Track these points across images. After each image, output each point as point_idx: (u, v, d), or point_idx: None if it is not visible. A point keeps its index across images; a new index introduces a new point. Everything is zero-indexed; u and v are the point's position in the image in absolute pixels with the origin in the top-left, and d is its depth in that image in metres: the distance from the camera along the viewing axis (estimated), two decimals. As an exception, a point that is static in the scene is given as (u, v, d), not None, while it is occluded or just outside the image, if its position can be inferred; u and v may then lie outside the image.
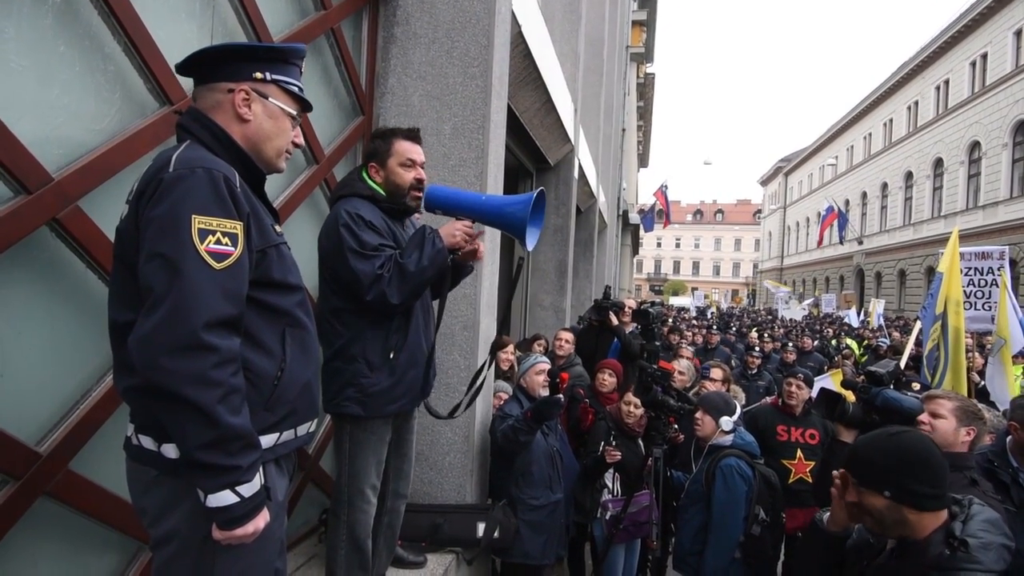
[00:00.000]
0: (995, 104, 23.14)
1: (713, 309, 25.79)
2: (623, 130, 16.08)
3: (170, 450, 1.21)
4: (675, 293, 50.52)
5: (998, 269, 6.15)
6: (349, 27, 3.03)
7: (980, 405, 2.48)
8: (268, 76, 1.36)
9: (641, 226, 25.42)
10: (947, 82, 26.82)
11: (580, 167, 7.37)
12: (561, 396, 3.09)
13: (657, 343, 3.58)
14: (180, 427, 1.13)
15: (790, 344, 8.01)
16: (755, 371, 6.64)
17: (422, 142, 2.18)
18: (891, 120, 32.39)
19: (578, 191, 7.68)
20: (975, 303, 6.13)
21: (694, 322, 15.39)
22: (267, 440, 1.29)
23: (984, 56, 23.25)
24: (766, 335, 8.81)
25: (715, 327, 11.27)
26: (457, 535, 2.86)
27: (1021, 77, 21.54)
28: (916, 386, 4.42)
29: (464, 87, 3.07)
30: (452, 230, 1.99)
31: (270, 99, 1.37)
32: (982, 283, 6.22)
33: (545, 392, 3.14)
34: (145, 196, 1.17)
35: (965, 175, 25.25)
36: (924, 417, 2.26)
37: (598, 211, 10.14)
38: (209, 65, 1.34)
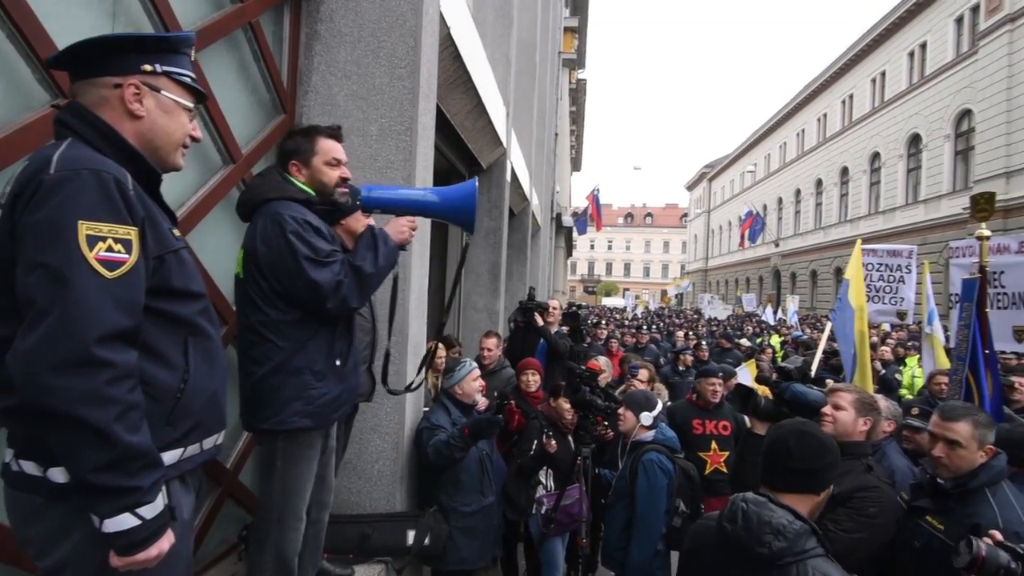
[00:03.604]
0: (892, 118, 25.25)
1: (641, 309, 26.64)
2: (556, 134, 16.34)
3: (57, 474, 1.11)
4: (608, 294, 51.87)
5: (906, 266, 6.75)
6: (269, 22, 2.91)
7: (877, 396, 2.69)
8: (158, 68, 1.26)
9: (575, 228, 25.93)
10: (851, 96, 29.01)
11: (513, 170, 7.42)
12: (501, 416, 3.10)
13: (585, 344, 3.66)
14: (72, 449, 1.05)
15: (703, 343, 8.41)
16: (685, 368, 6.95)
17: (343, 141, 2.12)
18: (803, 130, 34.70)
19: (511, 194, 7.73)
20: (883, 297, 6.69)
21: (626, 322, 15.84)
22: (170, 456, 1.22)
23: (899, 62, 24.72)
24: (691, 334, 9.19)
25: (644, 327, 11.64)
26: (387, 544, 2.80)
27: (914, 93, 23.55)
28: (830, 382, 4.75)
29: (391, 88, 3.02)
30: (399, 227, 1.97)
31: (163, 92, 1.28)
32: (891, 279, 6.78)
33: (479, 398, 3.14)
34: (22, 200, 1.07)
35: (867, 183, 27.42)
36: (827, 409, 2.42)
37: (531, 213, 10.25)
38: (90, 58, 1.23)
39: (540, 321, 4.31)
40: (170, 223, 1.28)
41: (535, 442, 3.38)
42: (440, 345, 4.19)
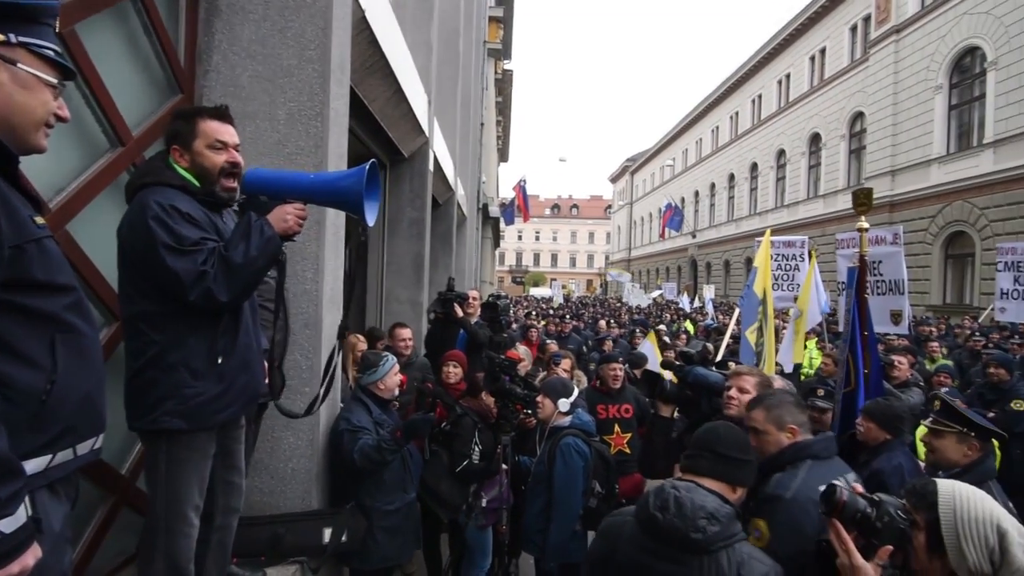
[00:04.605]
0: (795, 118, 27.04)
1: (563, 298, 27.20)
2: (482, 124, 16.29)
3: None
4: (535, 284, 52.56)
5: (800, 256, 7.30)
6: (161, -7, 2.70)
7: (774, 376, 2.89)
8: (13, 38, 1.14)
9: (502, 219, 26.02)
10: (760, 96, 30.79)
11: (436, 159, 7.33)
12: (433, 414, 3.06)
13: (505, 334, 3.69)
14: None
15: (637, 330, 8.71)
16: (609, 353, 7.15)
17: (234, 123, 1.98)
18: (717, 127, 36.52)
19: (435, 183, 7.63)
20: (782, 284, 7.21)
21: (551, 312, 16.13)
22: (36, 464, 1.12)
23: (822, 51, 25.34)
24: (612, 322, 9.49)
25: (568, 316, 11.91)
26: (301, 544, 2.72)
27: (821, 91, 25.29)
28: (732, 365, 5.04)
29: (300, 70, 2.89)
30: (283, 214, 1.81)
31: (19, 65, 1.16)
32: (787, 267, 7.35)
33: (394, 395, 3.09)
34: None
35: (774, 178, 29.29)
36: (733, 392, 2.58)
37: (457, 204, 10.18)
38: None
39: (460, 312, 4.30)
40: (32, 210, 1.16)
41: (472, 441, 3.34)
42: (363, 344, 4.11)
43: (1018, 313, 8.78)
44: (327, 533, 2.76)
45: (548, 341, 6.08)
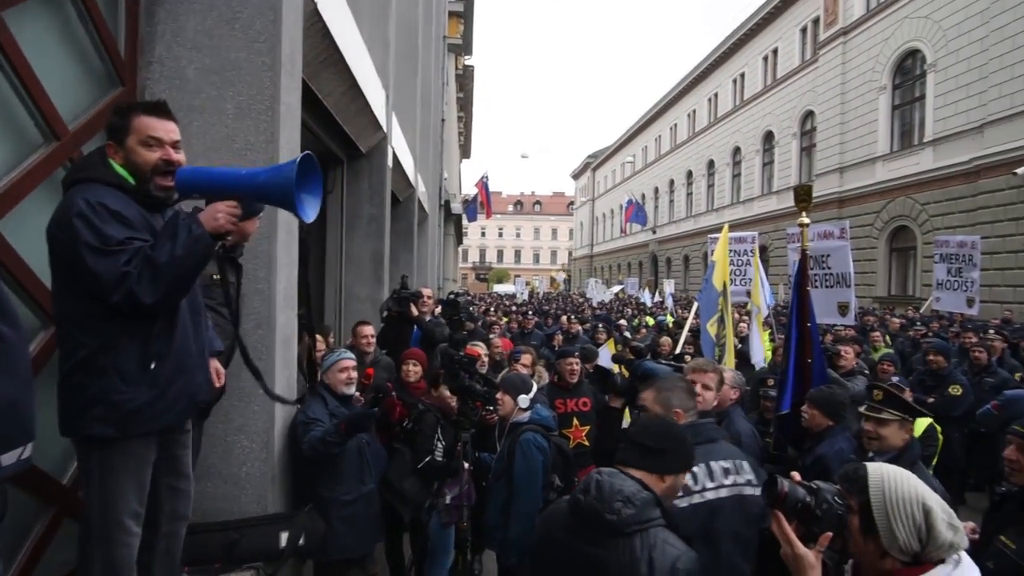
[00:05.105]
0: (750, 116, 27.79)
1: (527, 294, 27.31)
2: (443, 120, 16.18)
3: None
4: (499, 281, 52.58)
5: (751, 251, 7.50)
6: (98, -20, 2.58)
7: (724, 368, 2.98)
8: None
9: (464, 216, 25.94)
10: (716, 95, 31.52)
11: (395, 155, 7.25)
12: (376, 409, 3.04)
13: (465, 332, 3.68)
14: None
15: (597, 325, 8.81)
16: (559, 347, 7.21)
17: (175, 118, 1.91)
18: (676, 125, 37.22)
19: (394, 180, 7.55)
20: (735, 279, 7.40)
21: (513, 308, 16.17)
22: None
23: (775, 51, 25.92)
24: (574, 317, 9.58)
25: (531, 312, 11.97)
26: (257, 549, 2.66)
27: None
28: (688, 358, 5.15)
29: (249, 63, 2.81)
30: (213, 213, 1.71)
31: None
32: (739, 263, 7.55)
33: (347, 390, 3.06)
34: None
35: (730, 175, 30.07)
36: (698, 388, 2.64)
37: (417, 200, 10.09)
38: None
39: (415, 311, 4.27)
40: None
41: (434, 436, 3.32)
42: (322, 343, 4.03)
43: (953, 302, 9.27)
44: (284, 537, 2.70)
45: (492, 337, 6.07)
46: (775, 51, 25.79)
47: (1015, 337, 8.36)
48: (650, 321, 13.53)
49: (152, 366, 1.75)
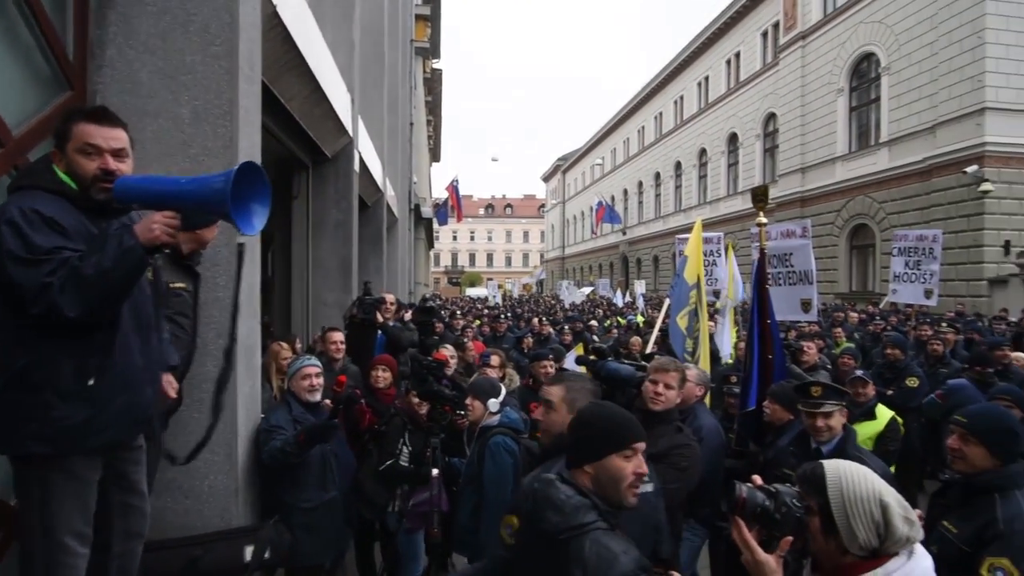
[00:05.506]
0: (715, 118, 28.35)
1: (500, 298, 27.31)
2: (411, 124, 16.09)
3: None
4: (472, 284, 52.45)
5: (717, 251, 7.66)
6: (44, -19, 2.49)
7: (687, 365, 3.03)
8: None
9: (435, 220, 25.81)
10: (681, 98, 32.07)
11: (362, 160, 7.17)
12: (336, 421, 3.00)
13: (436, 336, 3.66)
14: None
15: (565, 326, 8.87)
16: (529, 350, 7.25)
17: (122, 124, 1.83)
18: (643, 128, 37.75)
19: (361, 184, 7.47)
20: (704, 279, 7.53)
21: (485, 311, 16.15)
22: None
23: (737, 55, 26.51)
24: (546, 319, 9.62)
25: (503, 316, 11.97)
26: (221, 565, 2.59)
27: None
28: (657, 358, 5.20)
29: (205, 67, 2.75)
30: (149, 224, 1.62)
31: None
32: (706, 263, 7.69)
33: (312, 397, 3.02)
34: None
35: (697, 176, 30.62)
36: (660, 388, 2.68)
37: (386, 205, 10.00)
38: None
39: (380, 318, 4.24)
40: None
41: (400, 441, 3.29)
42: (288, 351, 3.96)
43: (911, 294, 9.60)
44: (248, 551, 2.64)
45: (466, 341, 6.05)
46: (738, 54, 26.39)
47: (967, 330, 8.71)
48: (621, 321, 13.67)
49: (91, 382, 1.67)
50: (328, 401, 3.26)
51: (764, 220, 3.53)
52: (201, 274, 2.60)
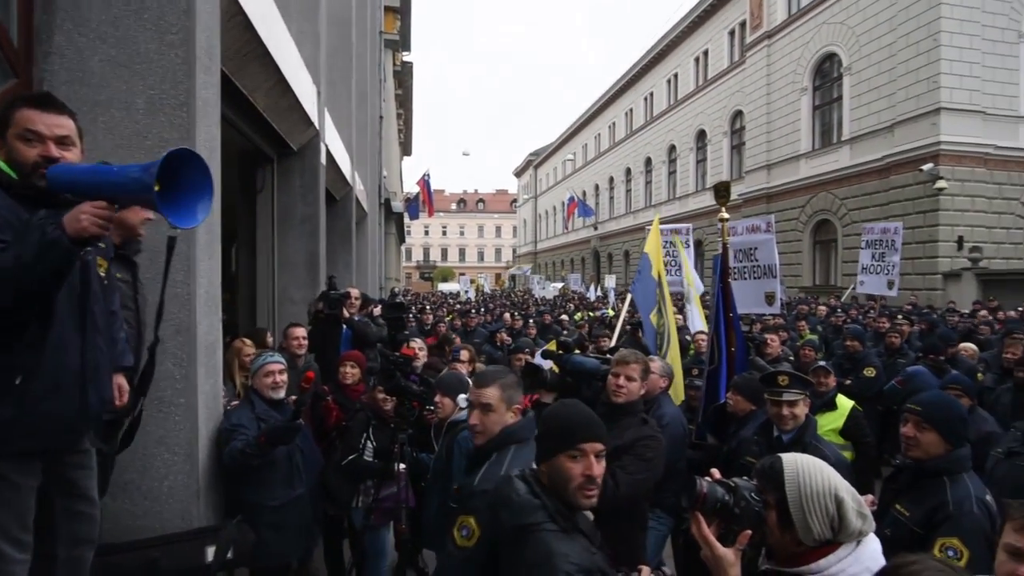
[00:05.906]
0: (683, 115, 28.73)
1: (473, 293, 27.29)
2: (381, 117, 15.88)
3: None
4: (444, 279, 52.16)
5: (685, 242, 7.77)
6: (-17, -38, 2.38)
7: (652, 357, 3.08)
8: None
9: (406, 214, 25.57)
10: (651, 94, 32.38)
11: (329, 153, 7.05)
12: (301, 421, 2.95)
13: (407, 331, 3.63)
14: None
15: (531, 320, 8.92)
16: (502, 344, 7.27)
17: (68, 112, 1.76)
18: (614, 123, 38.03)
19: (329, 178, 7.35)
20: (670, 270, 7.65)
21: (457, 306, 16.10)
22: None
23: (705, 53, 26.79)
24: (517, 314, 9.64)
25: (474, 311, 11.95)
26: (181, 567, 2.53)
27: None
28: (622, 351, 5.26)
29: (161, 56, 2.66)
30: (76, 215, 1.53)
31: None
32: (673, 253, 7.80)
33: (275, 395, 2.97)
34: None
35: (666, 172, 31.01)
36: (622, 380, 2.71)
37: (355, 199, 9.86)
38: None
39: (347, 312, 4.19)
40: None
41: (364, 436, 3.26)
42: (251, 347, 3.88)
43: (875, 285, 9.91)
44: (210, 552, 2.58)
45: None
46: (706, 52, 26.77)
47: (920, 320, 9.05)
48: (592, 315, 13.79)
49: (17, 381, 1.58)
50: (293, 398, 3.21)
51: (726, 216, 3.60)
52: (138, 263, 2.49)
